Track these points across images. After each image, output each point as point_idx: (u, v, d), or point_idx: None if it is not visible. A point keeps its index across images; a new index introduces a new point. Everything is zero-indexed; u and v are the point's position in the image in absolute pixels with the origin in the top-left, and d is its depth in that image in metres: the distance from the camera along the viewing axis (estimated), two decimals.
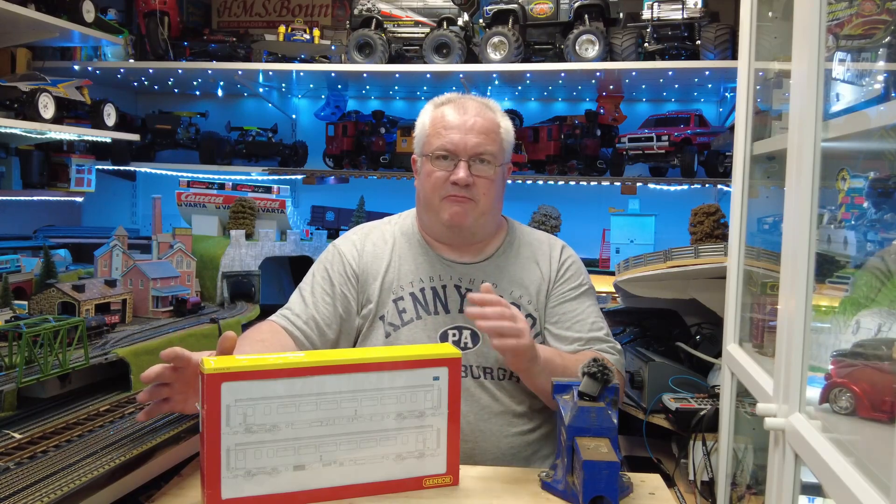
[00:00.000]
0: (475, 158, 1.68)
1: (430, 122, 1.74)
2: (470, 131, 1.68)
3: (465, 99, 1.75)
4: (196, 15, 3.96)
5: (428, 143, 1.73)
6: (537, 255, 1.81)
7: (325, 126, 3.66)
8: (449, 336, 1.71)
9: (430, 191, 1.71)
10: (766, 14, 1.69)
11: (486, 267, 1.77)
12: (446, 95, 1.79)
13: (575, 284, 1.79)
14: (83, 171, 3.17)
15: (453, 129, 1.68)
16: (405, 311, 1.73)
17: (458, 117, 1.70)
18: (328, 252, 1.84)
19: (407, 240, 1.81)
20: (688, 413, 1.91)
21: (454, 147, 1.67)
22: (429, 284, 1.74)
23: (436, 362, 1.32)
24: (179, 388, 1.33)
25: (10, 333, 1.63)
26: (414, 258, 1.78)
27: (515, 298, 1.74)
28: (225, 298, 2.70)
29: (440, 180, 1.69)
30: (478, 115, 1.70)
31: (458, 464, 1.36)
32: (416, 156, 1.80)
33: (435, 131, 1.71)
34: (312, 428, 1.25)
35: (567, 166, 3.36)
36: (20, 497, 1.12)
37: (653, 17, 2.99)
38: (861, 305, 1.17)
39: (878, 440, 0.99)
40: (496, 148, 1.70)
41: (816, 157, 1.13)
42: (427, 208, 1.75)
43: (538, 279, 1.78)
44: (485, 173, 1.69)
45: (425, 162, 1.73)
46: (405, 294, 1.74)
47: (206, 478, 1.19)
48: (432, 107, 1.78)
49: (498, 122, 1.74)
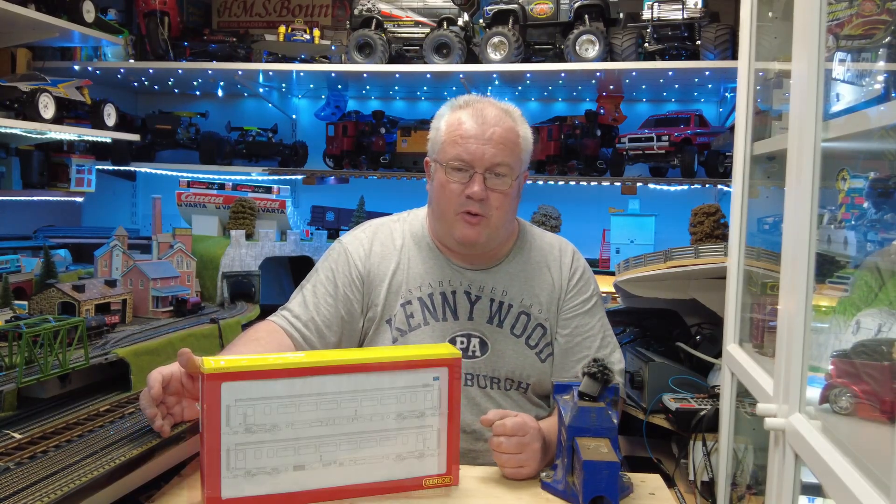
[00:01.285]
0: (491, 171, 1.60)
1: (447, 127, 1.65)
2: (487, 142, 1.60)
3: (485, 104, 1.66)
4: (196, 15, 3.96)
5: (443, 150, 1.64)
6: (548, 260, 1.76)
7: (325, 126, 3.66)
8: (457, 343, 1.67)
9: (444, 204, 1.65)
10: (766, 14, 1.69)
11: (497, 273, 1.72)
12: (465, 98, 1.70)
13: (586, 296, 1.74)
14: (83, 171, 3.17)
15: (470, 138, 1.60)
16: (413, 315, 1.69)
17: (475, 126, 1.61)
18: (334, 250, 1.78)
19: (416, 242, 1.75)
20: (688, 413, 1.91)
21: (470, 158, 1.60)
22: (438, 289, 1.70)
23: (436, 363, 1.32)
24: (189, 396, 1.35)
25: (10, 333, 1.63)
26: (423, 261, 1.73)
27: (525, 307, 1.70)
28: (225, 298, 2.70)
29: (454, 194, 1.62)
30: (496, 124, 1.62)
31: (458, 464, 1.36)
32: (429, 158, 1.72)
33: (451, 139, 1.63)
34: (312, 428, 1.24)
35: (567, 166, 3.36)
36: (20, 497, 1.12)
37: (653, 17, 2.99)
38: (861, 306, 1.17)
39: (878, 440, 0.99)
40: (514, 159, 1.63)
41: (816, 157, 1.13)
42: (440, 219, 1.69)
43: (549, 287, 1.73)
44: (500, 187, 1.61)
45: (439, 169, 1.65)
46: (413, 298, 1.70)
47: (206, 478, 1.19)
48: (449, 109, 1.69)
49: (517, 130, 1.65)
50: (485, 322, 1.68)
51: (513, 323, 1.68)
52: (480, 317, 1.68)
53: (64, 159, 3.12)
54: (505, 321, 1.68)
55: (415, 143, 3.41)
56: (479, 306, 1.69)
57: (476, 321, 1.68)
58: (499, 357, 1.67)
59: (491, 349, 1.67)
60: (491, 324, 1.68)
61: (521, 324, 1.69)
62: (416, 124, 3.48)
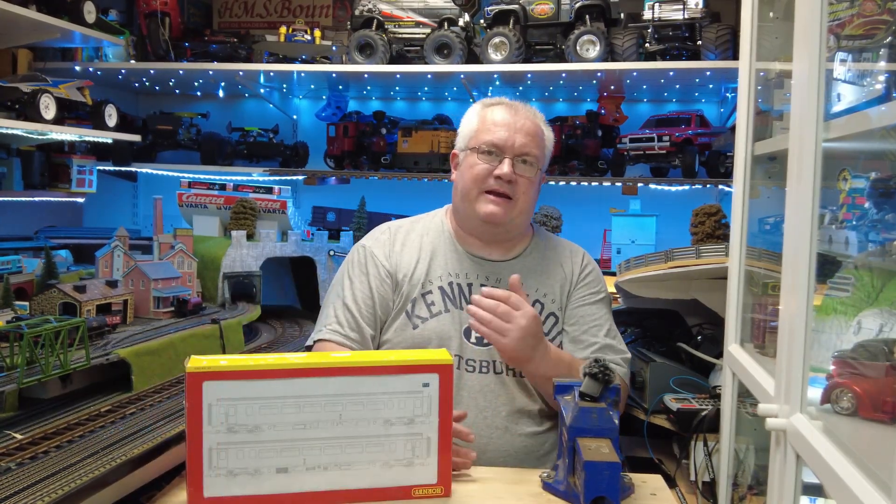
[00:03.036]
0: (519, 158, 1.72)
1: (479, 119, 1.79)
2: (518, 131, 1.73)
3: (516, 103, 1.82)
4: (197, 16, 3.97)
5: (476, 137, 1.76)
6: (561, 258, 1.86)
7: (326, 127, 3.66)
8: (472, 331, 1.70)
9: (469, 182, 1.74)
10: (767, 14, 1.69)
11: (515, 265, 1.79)
12: (496, 98, 1.84)
13: (595, 290, 1.84)
14: (84, 171, 3.17)
15: (502, 126, 1.74)
16: (433, 303, 1.75)
17: (508, 117, 1.75)
18: (358, 254, 1.83)
19: (437, 236, 1.84)
20: (689, 413, 1.91)
21: (502, 143, 1.72)
22: (456, 280, 1.77)
23: (425, 368, 1.28)
24: None
25: (12, 334, 1.63)
26: (444, 253, 1.81)
27: (540, 297, 1.78)
28: (226, 299, 2.70)
29: (483, 172, 1.72)
30: (527, 118, 1.77)
31: (451, 475, 1.31)
32: (457, 150, 1.83)
33: (484, 127, 1.75)
34: (296, 430, 1.22)
35: (568, 167, 3.36)
36: (21, 497, 1.12)
37: (654, 17, 2.99)
38: (862, 306, 1.17)
39: (879, 440, 0.99)
40: (539, 152, 1.77)
41: (817, 157, 1.13)
42: (464, 199, 1.77)
43: (562, 279, 1.82)
44: (527, 173, 1.73)
45: (469, 155, 1.76)
46: (434, 287, 1.77)
47: (189, 476, 1.19)
48: (481, 106, 1.83)
49: (543, 129, 1.81)
50: None
51: None
52: None
53: (65, 160, 3.12)
54: None
55: (416, 144, 3.41)
56: None
57: None
58: None
59: None
60: None
61: None
62: (417, 125, 3.47)
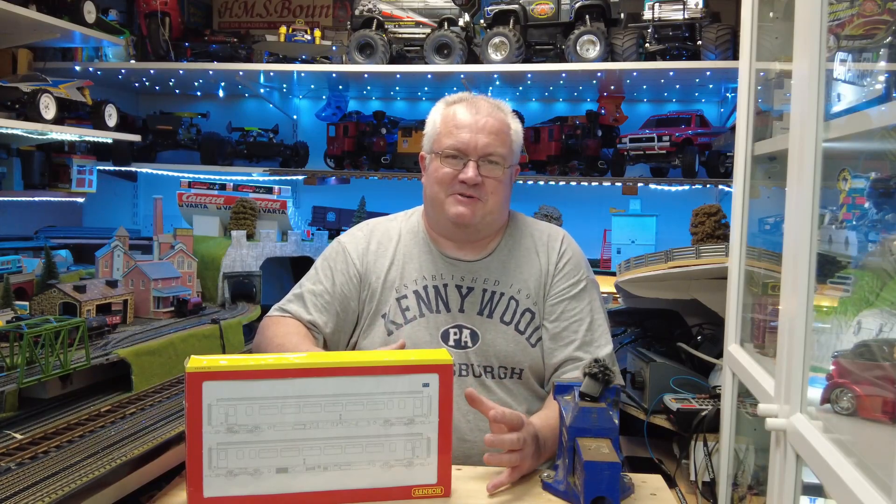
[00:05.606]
0: (484, 159, 1.68)
1: (442, 120, 1.74)
2: (481, 131, 1.68)
3: (478, 99, 1.75)
4: (197, 16, 3.97)
5: (438, 140, 1.72)
6: (538, 246, 1.80)
7: (326, 127, 3.66)
8: (450, 335, 1.71)
9: (436, 186, 1.72)
10: (767, 14, 1.69)
11: (489, 264, 1.77)
12: (458, 95, 1.79)
13: (574, 281, 1.76)
14: (84, 171, 3.17)
15: (464, 128, 1.68)
16: (408, 308, 1.73)
17: (469, 116, 1.70)
18: (332, 249, 1.84)
19: (412, 237, 1.81)
20: (689, 413, 1.91)
21: (464, 146, 1.67)
22: (431, 283, 1.75)
23: (425, 368, 1.26)
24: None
25: (12, 334, 1.63)
26: (418, 256, 1.78)
27: (514, 293, 1.74)
28: (226, 299, 2.70)
29: (448, 177, 1.69)
30: (489, 115, 1.70)
31: (450, 475, 1.30)
32: (424, 153, 1.80)
33: (446, 130, 1.71)
34: (296, 431, 1.22)
35: (568, 167, 3.36)
36: (21, 497, 1.12)
37: (654, 17, 2.99)
38: (862, 306, 1.17)
39: (879, 440, 0.99)
40: (506, 150, 1.71)
41: (818, 157, 1.13)
42: (433, 203, 1.75)
43: (538, 271, 1.76)
44: (493, 174, 1.69)
45: (434, 159, 1.73)
46: (409, 292, 1.74)
47: (189, 476, 1.18)
48: (444, 105, 1.77)
49: (508, 123, 1.74)
50: (475, 314, 1.73)
51: (503, 311, 1.73)
52: (471, 309, 1.73)
53: (65, 160, 3.12)
54: (495, 310, 1.73)
55: (416, 144, 3.41)
56: (470, 299, 1.73)
57: (467, 313, 1.73)
58: (489, 346, 1.71)
59: (482, 339, 1.71)
60: (481, 315, 1.72)
61: (510, 311, 1.73)
62: (417, 125, 3.47)
